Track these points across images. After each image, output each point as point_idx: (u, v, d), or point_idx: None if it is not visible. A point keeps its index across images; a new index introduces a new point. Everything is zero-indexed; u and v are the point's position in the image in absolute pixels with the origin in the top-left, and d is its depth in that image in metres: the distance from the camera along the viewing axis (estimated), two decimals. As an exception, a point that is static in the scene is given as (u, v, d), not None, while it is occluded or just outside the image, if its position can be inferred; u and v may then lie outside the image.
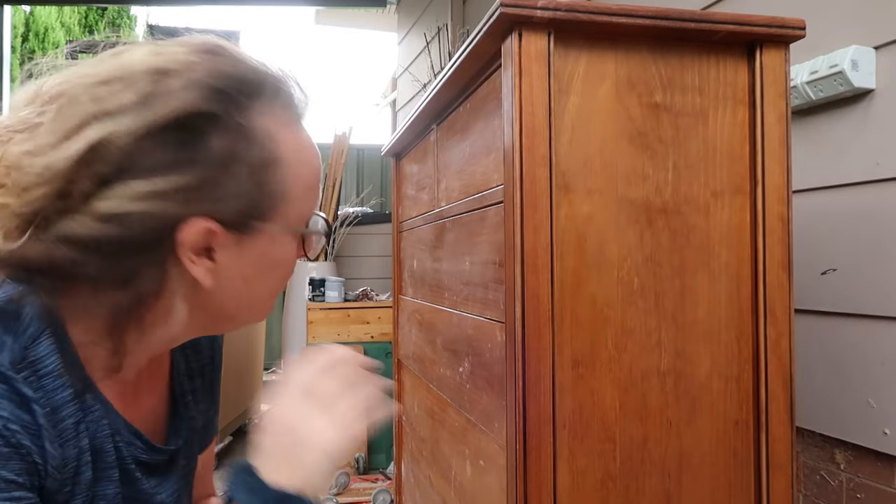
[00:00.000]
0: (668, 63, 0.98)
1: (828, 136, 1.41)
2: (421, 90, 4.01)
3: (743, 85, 1.00)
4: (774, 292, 0.98)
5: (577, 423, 0.94)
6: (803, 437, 1.48)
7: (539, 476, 0.91)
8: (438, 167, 1.42)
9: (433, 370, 1.48)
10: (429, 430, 1.56)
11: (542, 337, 0.91)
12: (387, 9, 5.14)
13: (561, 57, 0.94)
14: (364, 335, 3.77)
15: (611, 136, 0.96)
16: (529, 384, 0.91)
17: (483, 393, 1.10)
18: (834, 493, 1.41)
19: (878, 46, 1.31)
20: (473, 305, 1.16)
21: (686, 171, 0.98)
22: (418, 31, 4.20)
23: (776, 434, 0.98)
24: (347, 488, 3.22)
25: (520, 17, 0.90)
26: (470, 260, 1.18)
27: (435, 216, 1.44)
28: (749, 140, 1.00)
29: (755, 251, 0.99)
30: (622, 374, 0.96)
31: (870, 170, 1.32)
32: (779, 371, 0.98)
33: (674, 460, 0.97)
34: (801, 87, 1.39)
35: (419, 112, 1.43)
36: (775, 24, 0.97)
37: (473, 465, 1.18)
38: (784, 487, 0.98)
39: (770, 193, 0.99)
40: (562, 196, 0.94)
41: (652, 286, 0.97)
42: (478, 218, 1.13)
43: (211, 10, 6.73)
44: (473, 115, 1.16)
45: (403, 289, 1.86)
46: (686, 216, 0.98)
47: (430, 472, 1.55)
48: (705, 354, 0.98)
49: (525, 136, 0.91)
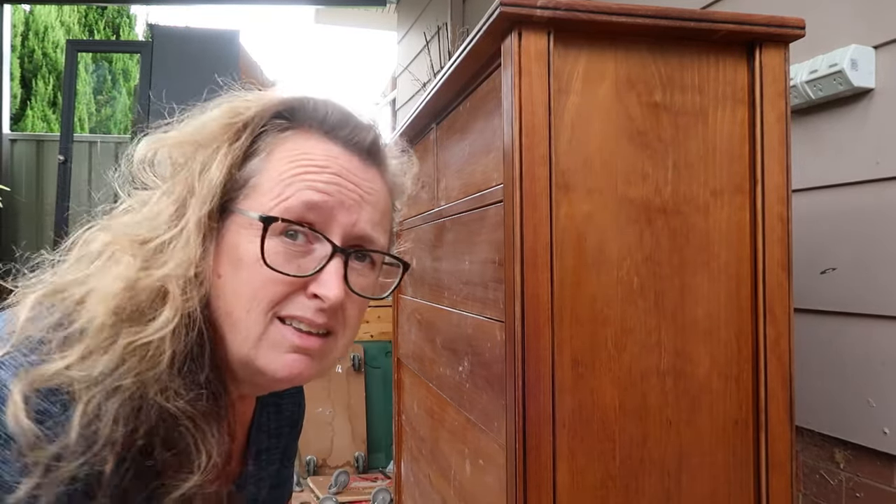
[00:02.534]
0: (668, 62, 0.98)
1: (827, 135, 1.41)
2: (420, 89, 4.01)
3: (742, 84, 1.00)
4: (774, 291, 0.99)
5: (577, 422, 0.94)
6: (803, 437, 1.48)
7: (539, 475, 0.91)
8: (438, 166, 1.42)
9: (433, 369, 1.48)
10: (428, 429, 1.56)
11: (541, 336, 0.91)
12: (386, 8, 5.14)
13: (561, 56, 0.94)
14: (364, 334, 3.76)
15: (610, 135, 0.96)
16: (529, 383, 0.91)
17: (483, 392, 1.10)
18: (833, 492, 1.41)
19: (877, 46, 1.31)
20: (473, 305, 1.16)
21: (686, 170, 0.98)
22: (418, 30, 4.19)
23: (776, 433, 0.98)
24: (347, 487, 3.22)
25: (519, 16, 0.89)
26: (469, 259, 1.18)
27: (434, 215, 1.44)
28: (749, 139, 1.00)
29: (755, 250, 0.99)
30: (622, 373, 0.96)
31: (869, 169, 1.32)
32: (778, 370, 0.98)
33: (673, 459, 0.97)
34: (800, 86, 1.39)
35: (419, 111, 1.43)
36: (775, 24, 0.97)
37: (473, 465, 1.18)
38: (783, 486, 0.98)
39: (770, 193, 0.99)
40: (561, 195, 0.94)
41: (651, 285, 0.97)
42: (477, 217, 1.13)
43: (211, 9, 6.70)
44: (473, 115, 1.16)
45: (403, 288, 1.86)
46: (686, 215, 0.98)
47: (429, 472, 1.55)
48: (705, 354, 0.98)
49: (525, 135, 0.91)
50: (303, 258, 0.64)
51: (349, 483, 3.26)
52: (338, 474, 3.22)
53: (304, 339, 0.64)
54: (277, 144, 0.67)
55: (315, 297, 0.63)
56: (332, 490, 3.14)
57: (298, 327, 0.64)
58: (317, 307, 0.64)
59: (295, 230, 0.64)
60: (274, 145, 0.67)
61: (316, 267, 0.64)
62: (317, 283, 0.64)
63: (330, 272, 0.64)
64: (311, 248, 0.65)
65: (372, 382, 3.67)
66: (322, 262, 0.64)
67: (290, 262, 0.63)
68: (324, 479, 3.32)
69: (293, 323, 0.64)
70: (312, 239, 0.65)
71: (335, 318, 0.66)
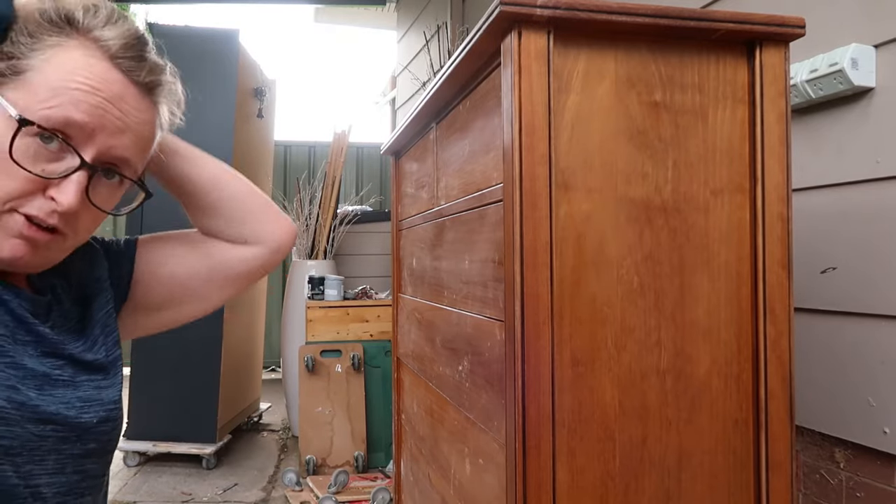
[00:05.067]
0: (668, 61, 0.98)
1: (827, 134, 1.41)
2: (420, 88, 4.01)
3: (743, 83, 1.00)
4: (774, 291, 0.98)
5: (577, 421, 0.94)
6: (803, 436, 1.48)
7: (538, 474, 0.91)
8: (438, 165, 1.42)
9: (432, 369, 1.48)
10: (428, 428, 1.56)
11: (541, 335, 0.91)
12: (386, 7, 5.14)
13: (560, 55, 0.94)
14: (363, 333, 3.77)
15: (610, 134, 0.96)
16: (529, 383, 0.91)
17: (482, 391, 1.10)
18: (833, 491, 1.41)
19: (877, 45, 1.31)
20: (473, 304, 1.16)
21: (686, 169, 0.98)
22: (418, 29, 4.19)
23: (776, 433, 0.98)
24: (346, 487, 3.22)
25: (519, 15, 0.89)
26: (469, 258, 1.18)
27: (434, 214, 1.44)
28: (749, 138, 1.00)
29: (755, 250, 0.99)
30: (622, 372, 0.95)
31: (870, 168, 1.32)
32: (778, 370, 0.98)
33: (673, 459, 0.97)
34: (800, 85, 1.39)
35: (419, 110, 1.43)
36: (775, 23, 0.97)
37: (473, 464, 1.18)
38: (783, 486, 0.98)
39: (770, 192, 0.98)
40: (561, 194, 0.94)
41: (651, 285, 0.97)
42: (477, 216, 1.13)
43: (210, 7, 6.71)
44: (473, 114, 1.16)
45: (403, 287, 1.86)
46: (686, 215, 0.98)
47: (429, 471, 1.55)
48: (705, 353, 0.98)
49: (525, 134, 0.91)
50: (51, 163, 0.68)
51: (349, 482, 3.26)
52: (337, 474, 3.22)
53: (32, 230, 0.68)
54: (62, 50, 0.68)
55: (52, 200, 0.68)
56: (331, 489, 3.14)
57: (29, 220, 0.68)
58: (51, 209, 0.68)
59: (50, 136, 0.67)
60: (58, 48, 0.68)
61: (61, 173, 0.68)
62: (57, 188, 0.68)
63: (72, 181, 0.68)
64: (62, 156, 0.68)
65: (371, 382, 3.67)
66: (68, 171, 0.68)
67: (37, 163, 0.67)
68: (323, 478, 3.32)
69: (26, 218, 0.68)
70: (65, 149, 0.68)
71: (66, 222, 0.70)
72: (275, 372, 6.08)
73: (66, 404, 0.72)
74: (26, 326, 0.71)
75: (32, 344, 0.71)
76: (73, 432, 0.73)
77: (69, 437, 0.72)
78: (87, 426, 0.74)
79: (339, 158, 4.31)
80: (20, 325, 0.70)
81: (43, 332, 0.73)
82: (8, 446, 0.65)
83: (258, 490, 3.33)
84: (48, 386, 0.71)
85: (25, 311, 0.72)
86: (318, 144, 6.29)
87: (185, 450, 3.54)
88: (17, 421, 0.66)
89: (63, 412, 0.71)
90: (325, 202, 4.28)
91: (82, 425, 0.73)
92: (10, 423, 0.66)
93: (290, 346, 4.06)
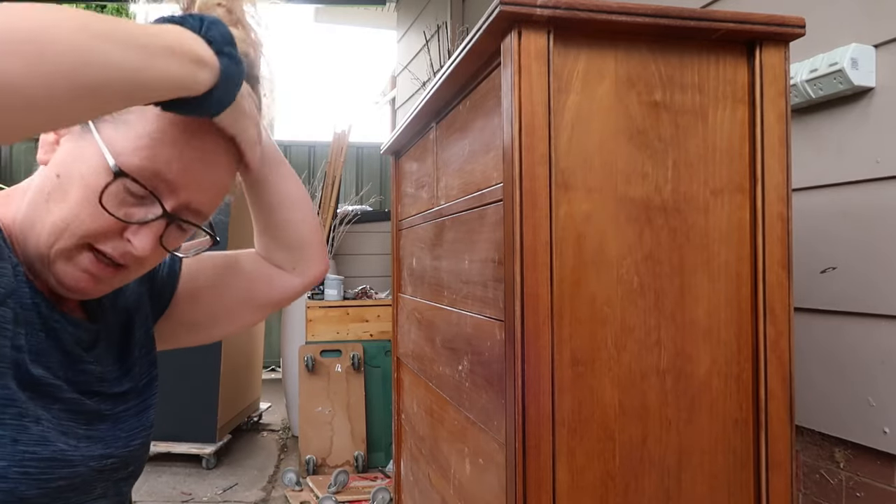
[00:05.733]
0: (668, 61, 0.98)
1: (827, 134, 1.41)
2: (420, 88, 4.01)
3: (743, 83, 1.00)
4: (774, 291, 0.98)
5: (577, 421, 0.94)
6: (803, 436, 1.48)
7: (538, 474, 0.91)
8: (438, 165, 1.42)
9: (432, 368, 1.48)
10: (428, 428, 1.56)
11: (541, 335, 0.91)
12: (386, 7, 5.14)
13: (560, 55, 0.94)
14: (363, 333, 3.77)
15: (610, 134, 0.96)
16: (529, 382, 0.91)
17: (482, 391, 1.10)
18: (833, 491, 1.41)
19: (877, 45, 1.31)
20: (473, 304, 1.16)
21: (686, 169, 0.98)
22: (418, 29, 4.19)
23: (775, 432, 0.98)
24: (346, 486, 3.22)
25: (519, 15, 0.89)
26: (469, 258, 1.18)
27: (434, 214, 1.44)
28: (749, 138, 1.00)
29: (755, 250, 0.99)
30: (621, 372, 0.95)
31: (870, 168, 1.32)
32: (778, 370, 0.98)
33: (673, 459, 0.97)
34: (800, 85, 1.39)
35: (418, 110, 1.43)
36: (775, 23, 0.97)
37: (473, 464, 1.18)
38: (783, 486, 0.98)
39: (770, 192, 0.98)
40: (561, 194, 0.94)
41: (651, 285, 0.97)
42: (477, 216, 1.13)
43: (210, 7, 6.63)
44: (473, 114, 1.16)
45: (403, 287, 1.86)
46: (686, 214, 0.98)
47: (429, 471, 1.55)
48: (705, 353, 0.98)
49: (524, 134, 0.91)
50: (133, 207, 0.68)
51: (349, 482, 3.26)
52: (337, 473, 3.22)
53: (99, 267, 0.69)
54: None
55: (128, 242, 0.69)
56: (331, 489, 3.14)
57: (97, 255, 0.69)
58: (125, 250, 0.69)
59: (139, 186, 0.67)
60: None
61: (141, 219, 0.68)
62: (134, 232, 0.68)
63: (150, 227, 0.69)
64: (144, 202, 0.68)
65: (371, 382, 3.67)
66: (147, 218, 0.69)
67: (121, 207, 0.67)
68: (323, 478, 3.32)
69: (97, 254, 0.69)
70: (149, 196, 0.68)
71: (135, 260, 0.71)
72: (275, 372, 6.08)
73: (115, 437, 0.76)
74: (75, 366, 0.73)
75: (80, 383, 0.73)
76: (122, 461, 0.76)
77: (119, 468, 0.76)
78: (133, 452, 0.78)
79: (339, 158, 4.31)
80: (70, 364, 0.72)
81: (90, 371, 0.74)
82: (67, 486, 0.68)
83: (258, 490, 3.33)
84: (97, 421, 0.74)
85: (75, 342, 0.73)
86: (317, 144, 6.29)
87: (184, 449, 3.54)
88: (80, 461, 0.69)
89: (113, 445, 0.75)
90: (325, 202, 4.28)
91: (131, 454, 0.78)
92: (73, 465, 0.68)
93: (289, 345, 4.06)
